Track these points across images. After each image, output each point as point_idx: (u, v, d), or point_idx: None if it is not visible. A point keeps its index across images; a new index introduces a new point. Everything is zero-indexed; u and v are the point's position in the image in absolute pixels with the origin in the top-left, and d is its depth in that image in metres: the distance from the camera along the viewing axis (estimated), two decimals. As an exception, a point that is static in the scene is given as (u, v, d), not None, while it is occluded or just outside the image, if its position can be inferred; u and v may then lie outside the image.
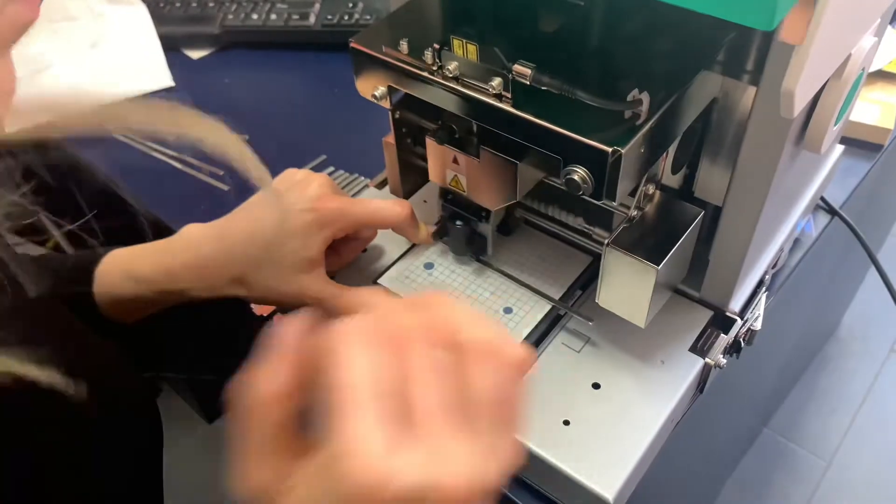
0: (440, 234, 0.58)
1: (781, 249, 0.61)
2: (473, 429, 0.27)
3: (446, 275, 0.57)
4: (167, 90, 0.90)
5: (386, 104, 0.49)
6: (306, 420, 0.29)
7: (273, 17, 0.93)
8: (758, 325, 0.56)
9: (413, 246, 0.59)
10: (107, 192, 0.55)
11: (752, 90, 0.45)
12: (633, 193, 0.47)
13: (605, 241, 0.47)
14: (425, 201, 0.64)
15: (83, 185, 0.58)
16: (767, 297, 0.58)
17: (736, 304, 0.56)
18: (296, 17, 0.92)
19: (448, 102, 0.45)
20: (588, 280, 0.57)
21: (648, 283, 0.46)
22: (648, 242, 0.47)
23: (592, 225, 0.52)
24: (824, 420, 1.42)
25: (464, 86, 0.44)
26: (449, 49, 0.43)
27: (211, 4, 0.95)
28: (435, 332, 0.28)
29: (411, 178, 0.60)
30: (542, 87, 0.41)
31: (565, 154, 0.41)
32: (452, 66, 0.43)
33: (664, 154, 0.47)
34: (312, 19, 0.92)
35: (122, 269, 0.57)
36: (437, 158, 0.51)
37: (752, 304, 0.57)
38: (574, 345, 0.53)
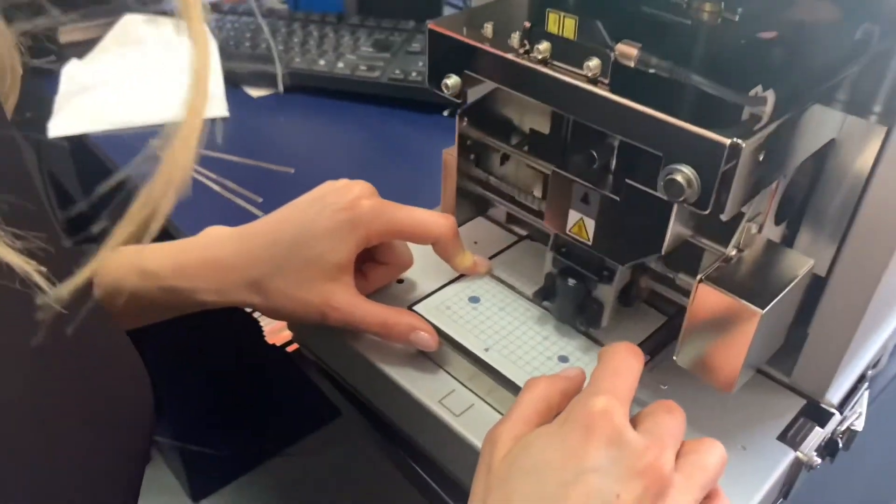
0: (543, 294, 0.49)
1: (885, 347, 0.52)
2: None
3: (494, 311, 0.49)
4: (221, 120, 0.87)
5: (456, 97, 0.44)
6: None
7: (340, 65, 0.91)
8: (859, 425, 0.47)
9: (458, 279, 0.52)
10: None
11: (881, 131, 0.39)
12: (732, 226, 0.40)
13: (698, 278, 0.39)
14: (476, 242, 0.57)
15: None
16: (869, 396, 0.49)
17: (834, 396, 0.47)
18: (363, 68, 0.90)
19: (531, 87, 0.39)
20: (660, 342, 0.48)
21: (748, 331, 0.38)
22: (749, 285, 0.39)
23: (676, 270, 0.45)
24: None
25: (552, 69, 0.38)
26: (542, 27, 0.38)
27: (281, 48, 0.94)
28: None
29: (465, 207, 0.53)
30: (649, 70, 0.35)
31: (669, 148, 0.34)
32: (543, 46, 0.38)
33: (773, 186, 0.40)
34: (379, 73, 0.89)
35: (131, 261, 0.51)
36: (561, 195, 0.43)
37: (853, 400, 0.48)
38: (639, 412, 0.44)
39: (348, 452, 1.34)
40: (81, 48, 0.96)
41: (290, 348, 0.58)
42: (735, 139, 0.33)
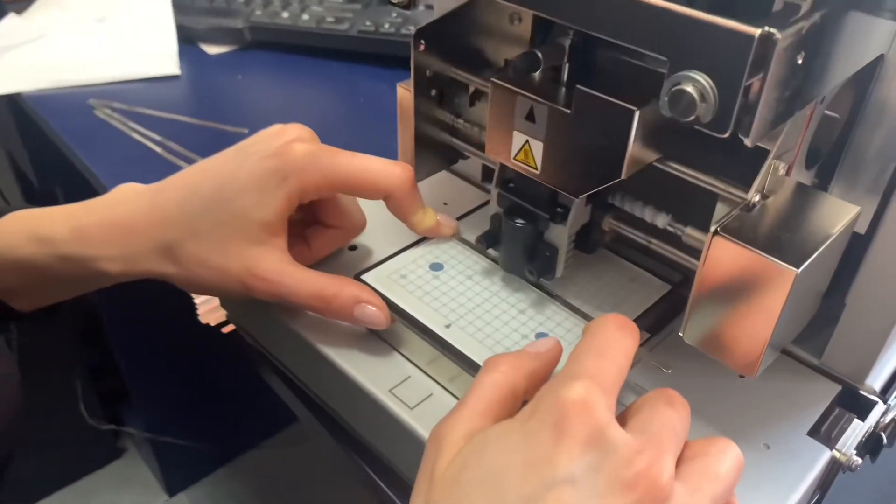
0: (488, 239, 0.41)
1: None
2: None
3: (459, 281, 0.41)
4: (170, 78, 0.78)
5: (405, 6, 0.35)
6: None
7: (305, 17, 0.81)
8: (906, 417, 0.38)
9: (418, 243, 0.43)
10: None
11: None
12: (754, 165, 0.31)
13: (712, 229, 0.30)
14: (445, 203, 0.48)
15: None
16: (917, 381, 0.40)
17: (876, 381, 0.38)
18: (330, 20, 0.81)
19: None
20: (663, 316, 0.40)
21: (777, 298, 0.29)
22: (778, 238, 0.30)
23: (683, 223, 0.36)
24: None
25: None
26: None
27: (240, 0, 0.85)
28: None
29: (429, 157, 0.44)
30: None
31: (676, 49, 0.26)
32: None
33: (809, 110, 0.32)
34: (348, 25, 0.80)
35: (24, 225, 0.42)
36: (502, 113, 0.35)
37: (897, 386, 0.39)
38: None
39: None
40: (21, 3, 0.88)
41: (225, 329, 0.49)
42: (767, 28, 0.24)
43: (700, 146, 0.33)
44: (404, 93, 0.41)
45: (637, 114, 0.30)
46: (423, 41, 0.38)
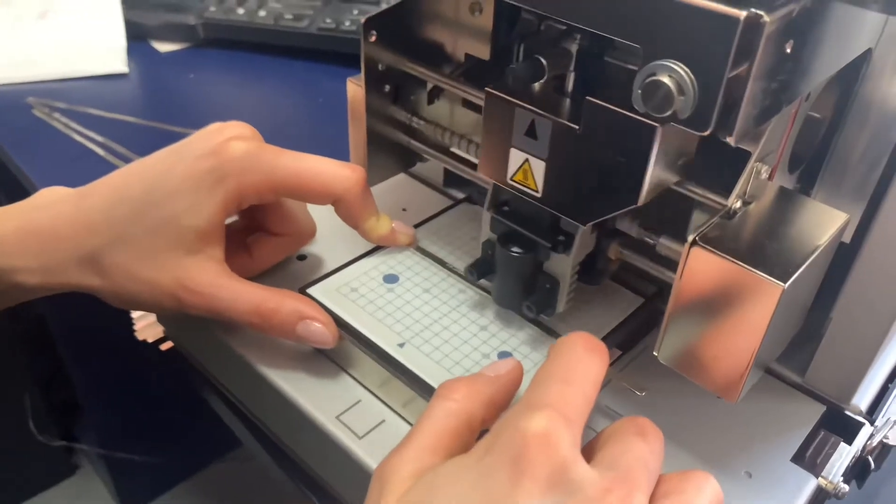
0: (479, 269, 0.36)
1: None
2: None
3: (416, 294, 0.37)
4: (118, 76, 0.74)
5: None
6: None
7: (262, 13, 0.78)
8: (894, 438, 0.36)
9: (373, 251, 0.40)
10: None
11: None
12: (734, 168, 0.28)
13: (690, 239, 0.27)
14: (404, 209, 0.45)
15: None
16: (904, 399, 0.38)
17: (862, 400, 0.36)
18: (289, 17, 0.77)
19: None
20: (635, 332, 0.37)
21: (761, 314, 0.26)
22: (762, 249, 0.27)
23: (656, 233, 0.33)
24: None
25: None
26: None
27: (194, -5, 0.81)
28: None
29: (383, 159, 0.41)
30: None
31: (651, 36, 0.22)
32: None
33: (794, 108, 0.29)
34: (307, 22, 0.77)
35: None
36: (498, 128, 0.31)
37: (884, 404, 0.37)
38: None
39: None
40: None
41: (163, 346, 0.45)
42: (754, 10, 0.21)
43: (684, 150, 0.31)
44: (355, 88, 0.37)
45: (660, 131, 0.26)
46: (374, 31, 0.35)
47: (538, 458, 0.22)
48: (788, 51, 0.23)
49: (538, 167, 0.30)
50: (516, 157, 0.31)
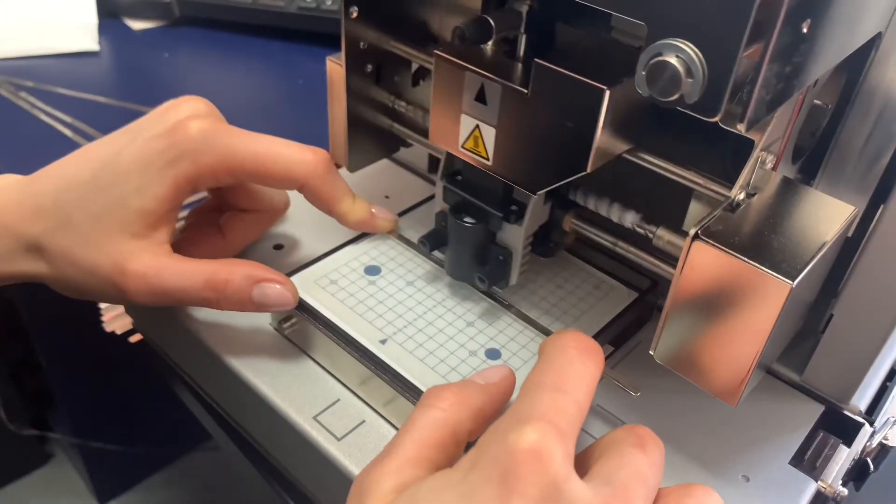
0: (432, 240, 0.35)
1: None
2: None
3: (399, 287, 0.35)
4: (88, 55, 0.70)
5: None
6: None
7: (240, -9, 0.75)
8: (894, 438, 0.35)
9: (354, 240, 0.38)
10: None
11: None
12: (737, 158, 0.27)
13: (692, 232, 0.25)
14: (387, 197, 0.43)
15: None
16: (902, 398, 0.37)
17: (861, 400, 0.34)
18: (268, -5, 0.74)
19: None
20: (629, 327, 0.35)
21: (767, 313, 0.25)
22: (769, 244, 0.25)
23: (654, 224, 0.31)
24: None
25: None
26: None
27: (168, -29, 0.77)
28: None
29: (365, 144, 0.39)
30: None
31: (660, 13, 0.21)
32: None
33: (801, 95, 0.27)
34: (286, 1, 0.74)
35: None
36: (448, 93, 0.30)
37: (883, 404, 0.35)
38: (601, 433, 0.31)
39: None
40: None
41: (133, 338, 0.43)
42: (772, -15, 0.19)
43: (674, 134, 0.29)
44: (334, 67, 0.35)
45: (607, 94, 0.25)
46: (355, 7, 0.33)
47: (528, 475, 0.20)
48: (805, 30, 0.21)
49: (488, 134, 0.29)
50: (467, 124, 0.29)
